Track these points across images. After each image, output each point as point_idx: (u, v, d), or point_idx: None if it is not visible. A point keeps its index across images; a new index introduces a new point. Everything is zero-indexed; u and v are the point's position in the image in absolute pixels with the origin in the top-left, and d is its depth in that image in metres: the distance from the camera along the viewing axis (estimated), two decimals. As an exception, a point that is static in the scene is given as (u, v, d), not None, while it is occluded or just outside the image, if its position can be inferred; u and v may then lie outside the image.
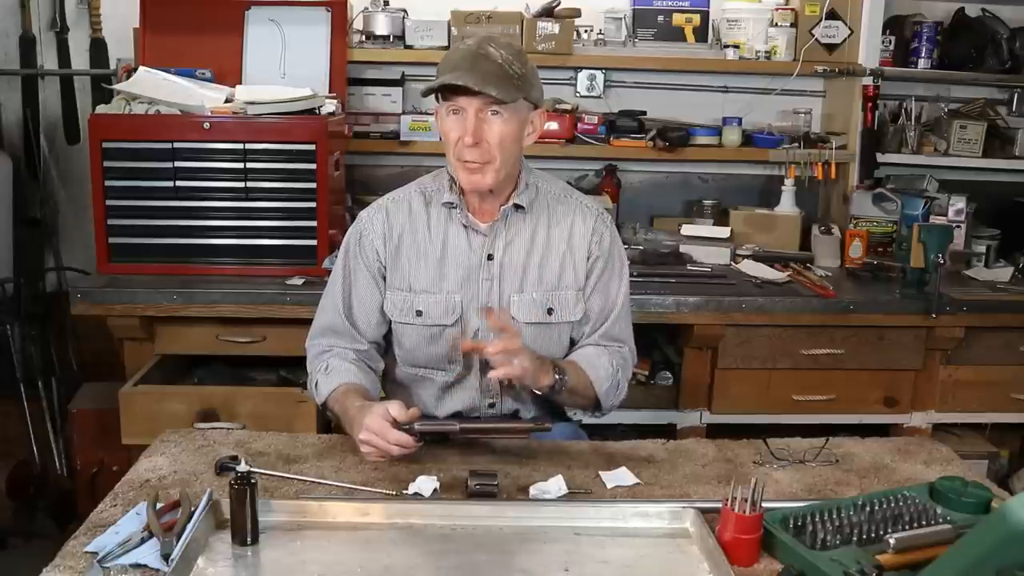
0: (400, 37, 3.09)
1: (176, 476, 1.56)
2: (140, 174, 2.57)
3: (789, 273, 2.90)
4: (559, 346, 1.86)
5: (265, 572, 1.32)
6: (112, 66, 3.21)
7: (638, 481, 1.58)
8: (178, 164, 2.57)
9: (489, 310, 1.79)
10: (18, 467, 2.99)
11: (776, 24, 3.21)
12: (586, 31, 3.20)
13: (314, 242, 2.63)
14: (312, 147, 2.58)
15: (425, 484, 1.50)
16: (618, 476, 1.59)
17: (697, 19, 3.23)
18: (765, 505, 1.34)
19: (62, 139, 3.34)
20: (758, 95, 3.34)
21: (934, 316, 2.64)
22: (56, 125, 3.33)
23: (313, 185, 2.60)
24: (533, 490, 1.52)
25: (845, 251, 3.05)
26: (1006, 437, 3.07)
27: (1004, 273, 2.98)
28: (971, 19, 3.30)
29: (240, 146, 2.58)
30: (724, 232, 3.14)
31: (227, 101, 2.64)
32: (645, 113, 3.23)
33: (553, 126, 3.08)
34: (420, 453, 1.61)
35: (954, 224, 2.99)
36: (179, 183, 2.58)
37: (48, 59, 3.29)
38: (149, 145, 2.56)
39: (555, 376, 1.73)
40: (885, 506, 1.43)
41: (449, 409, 1.88)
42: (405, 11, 3.10)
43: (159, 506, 1.40)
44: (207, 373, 2.66)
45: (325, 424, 2.22)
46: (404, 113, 3.14)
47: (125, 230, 2.60)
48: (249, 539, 1.34)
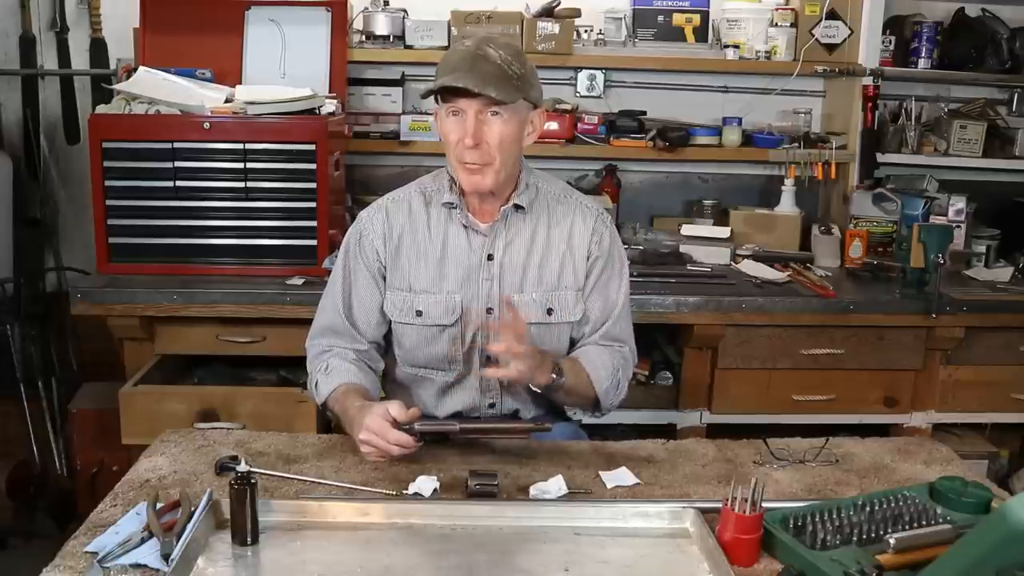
0: (400, 37, 3.09)
1: (176, 476, 1.56)
2: (140, 174, 2.57)
3: (789, 273, 2.90)
4: (559, 346, 1.86)
5: (265, 572, 1.32)
6: (112, 66, 3.21)
7: (638, 481, 1.58)
8: (178, 164, 2.57)
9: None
10: (18, 467, 2.99)
11: (776, 24, 3.21)
12: (586, 31, 3.20)
13: (314, 242, 2.63)
14: (312, 147, 2.58)
15: (425, 484, 1.50)
16: (618, 476, 1.59)
17: (697, 19, 3.23)
18: (765, 505, 1.34)
19: (62, 139, 3.34)
20: (758, 95, 3.34)
21: (934, 316, 2.64)
22: (56, 125, 3.33)
23: (313, 185, 2.60)
24: (533, 490, 1.52)
25: (845, 251, 3.05)
26: (1006, 437, 3.07)
27: (1004, 273, 2.97)
28: (971, 19, 3.30)
29: (240, 146, 2.58)
30: (724, 232, 3.14)
31: (227, 101, 2.64)
32: (645, 113, 3.23)
33: (553, 126, 3.08)
34: (420, 453, 1.61)
35: (954, 224, 2.99)
36: (179, 183, 2.59)
37: (48, 59, 3.29)
38: (149, 145, 2.56)
39: (552, 375, 1.73)
40: (885, 506, 1.43)
41: (449, 409, 1.89)
42: (405, 11, 3.10)
43: (159, 506, 1.40)
44: (207, 373, 2.66)
45: (325, 424, 2.22)
46: (404, 113, 3.14)
47: (125, 230, 2.60)
48: (249, 539, 1.34)
